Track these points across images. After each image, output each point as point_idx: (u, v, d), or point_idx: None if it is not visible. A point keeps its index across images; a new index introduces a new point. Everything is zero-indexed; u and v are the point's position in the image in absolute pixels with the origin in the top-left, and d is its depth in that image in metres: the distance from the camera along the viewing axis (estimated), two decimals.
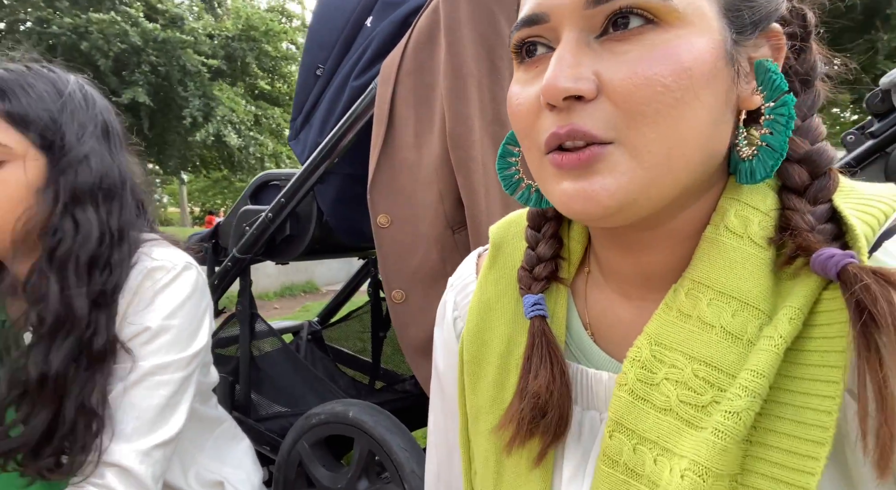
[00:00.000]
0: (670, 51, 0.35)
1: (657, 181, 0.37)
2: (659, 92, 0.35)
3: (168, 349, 0.83)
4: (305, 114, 1.53)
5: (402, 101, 1.30)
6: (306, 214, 1.55)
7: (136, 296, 0.83)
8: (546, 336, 0.46)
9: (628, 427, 0.41)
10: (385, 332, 2.11)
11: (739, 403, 0.36)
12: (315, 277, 8.14)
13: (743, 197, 0.41)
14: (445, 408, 0.59)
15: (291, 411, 1.58)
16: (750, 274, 0.39)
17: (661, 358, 0.40)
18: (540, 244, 0.50)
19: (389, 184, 1.32)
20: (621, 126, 0.36)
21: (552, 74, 0.37)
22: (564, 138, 0.37)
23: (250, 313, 1.63)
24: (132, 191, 0.90)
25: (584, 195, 0.37)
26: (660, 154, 0.36)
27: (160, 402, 0.82)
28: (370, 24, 1.40)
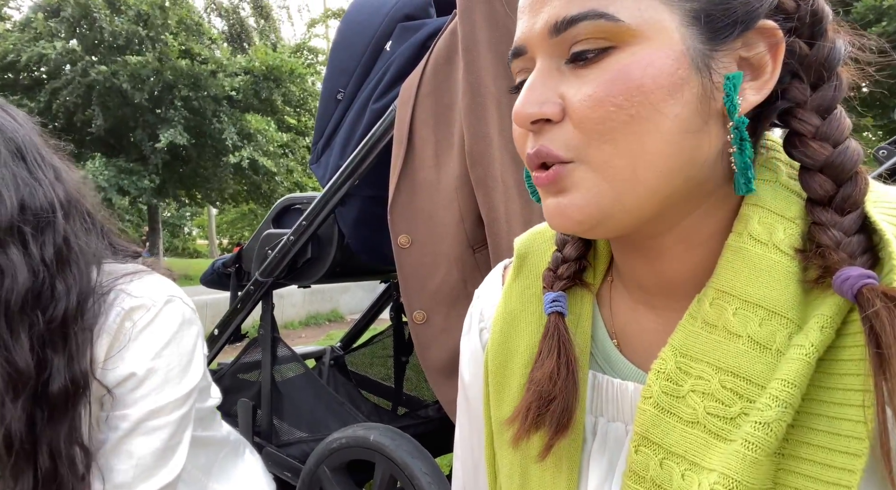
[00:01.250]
0: (622, 71, 0.37)
1: (629, 194, 0.38)
2: (611, 111, 0.37)
3: (159, 392, 0.79)
4: (327, 137, 1.55)
5: (421, 122, 1.31)
6: (328, 237, 1.56)
7: (117, 339, 0.78)
8: (559, 330, 0.46)
9: (654, 441, 0.40)
10: (407, 356, 2.08)
11: (770, 414, 0.34)
12: (340, 306, 8.17)
13: (766, 203, 0.40)
14: (471, 420, 0.59)
15: (313, 436, 1.56)
16: (776, 282, 0.37)
17: (687, 370, 0.39)
18: (567, 245, 0.50)
19: (409, 204, 1.32)
20: (581, 146, 0.38)
21: (520, 101, 0.39)
22: (535, 158, 0.40)
23: (272, 337, 1.63)
24: (71, 206, 0.81)
25: (558, 211, 0.39)
26: (624, 169, 0.37)
27: (159, 445, 0.78)
28: (389, 48, 1.43)
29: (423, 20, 1.44)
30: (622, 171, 0.37)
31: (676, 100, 0.37)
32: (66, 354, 0.74)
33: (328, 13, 12.27)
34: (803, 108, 0.39)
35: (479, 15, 1.16)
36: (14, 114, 0.82)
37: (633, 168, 0.37)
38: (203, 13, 11.65)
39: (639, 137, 0.37)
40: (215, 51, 10.72)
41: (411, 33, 1.40)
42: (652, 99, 0.36)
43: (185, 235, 26.07)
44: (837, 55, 0.39)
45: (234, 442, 1.06)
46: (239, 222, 23.46)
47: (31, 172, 0.78)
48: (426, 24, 1.41)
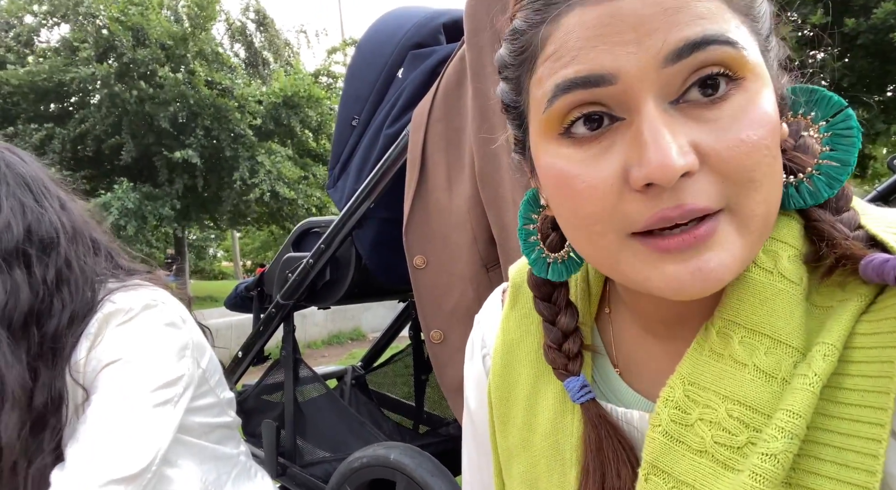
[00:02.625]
0: (761, 110, 0.34)
1: (758, 244, 0.36)
2: (765, 155, 0.34)
3: (127, 381, 0.79)
4: (343, 163, 1.60)
5: (434, 145, 1.34)
6: (346, 259, 1.60)
7: (95, 341, 0.81)
8: (610, 423, 0.44)
9: (664, 469, 0.40)
10: (427, 374, 2.10)
11: (777, 445, 0.34)
12: (361, 325, 8.21)
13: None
14: (478, 445, 0.58)
15: (335, 456, 1.58)
16: (782, 310, 0.38)
17: (695, 398, 0.39)
18: (560, 317, 0.47)
19: (424, 226, 1.35)
20: (731, 195, 0.34)
21: (661, 153, 0.32)
22: (678, 220, 0.34)
23: (294, 359, 1.66)
24: (76, 232, 0.87)
25: (700, 276, 0.35)
26: (763, 217, 0.35)
27: (119, 436, 0.76)
28: (401, 75, 1.47)
29: (433, 47, 1.49)
30: (761, 221, 0.35)
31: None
32: (52, 369, 0.78)
33: (347, 42, 12.55)
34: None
35: (486, 40, 1.20)
36: (20, 154, 0.90)
37: (767, 217, 0.35)
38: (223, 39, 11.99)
39: (774, 182, 0.35)
40: (236, 78, 11.00)
41: (422, 60, 1.45)
42: (778, 142, 0.35)
43: (210, 258, 26.59)
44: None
45: (246, 463, 1.07)
46: (263, 245, 23.95)
47: (38, 201, 0.85)
48: (436, 51, 1.46)
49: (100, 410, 0.78)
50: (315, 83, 11.48)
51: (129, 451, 0.76)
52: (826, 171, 0.38)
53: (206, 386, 0.94)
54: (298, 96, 10.54)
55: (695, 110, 0.34)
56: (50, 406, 0.78)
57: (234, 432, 1.05)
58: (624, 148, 0.35)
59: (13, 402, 0.76)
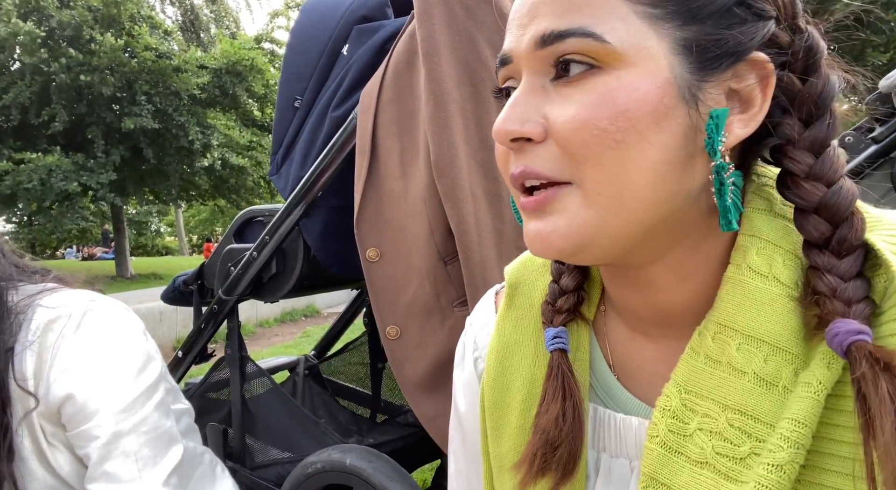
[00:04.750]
0: (607, 95, 0.35)
1: (612, 222, 0.37)
2: (595, 135, 0.35)
3: (118, 395, 0.81)
4: (286, 147, 1.48)
5: (385, 130, 1.25)
6: (293, 251, 1.50)
7: (43, 351, 0.79)
8: (563, 370, 0.45)
9: (663, 482, 0.38)
10: (384, 363, 2.04)
11: (782, 455, 0.34)
12: (315, 301, 8.07)
13: (763, 234, 0.39)
14: (468, 452, 0.57)
15: (287, 458, 1.51)
16: (779, 316, 0.37)
17: (693, 407, 0.38)
18: (563, 276, 0.49)
19: (377, 216, 1.27)
20: (571, 167, 0.37)
21: (501, 117, 0.38)
22: (519, 178, 0.38)
23: (240, 356, 1.57)
24: None
25: (540, 237, 0.38)
26: (610, 196, 0.36)
27: (149, 437, 0.83)
28: (346, 52, 1.36)
29: (381, 22, 1.38)
30: (608, 199, 0.36)
31: (662, 129, 0.35)
32: None
33: (290, 5, 11.95)
34: (795, 147, 0.37)
35: (437, 19, 1.10)
36: None
37: (620, 197, 0.36)
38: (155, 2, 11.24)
39: (624, 164, 0.35)
40: (171, 43, 10.35)
41: (368, 36, 1.34)
42: (638, 126, 0.35)
43: (152, 234, 25.47)
44: (831, 91, 0.37)
45: (210, 460, 1.04)
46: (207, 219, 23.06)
47: None
48: (384, 26, 1.35)
49: (118, 431, 0.80)
50: (258, 49, 10.94)
51: (164, 448, 0.83)
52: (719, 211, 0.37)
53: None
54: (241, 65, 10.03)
55: (560, 87, 0.37)
56: None
57: (195, 425, 1.01)
58: None
59: None
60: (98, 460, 0.79)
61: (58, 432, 0.81)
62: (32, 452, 0.81)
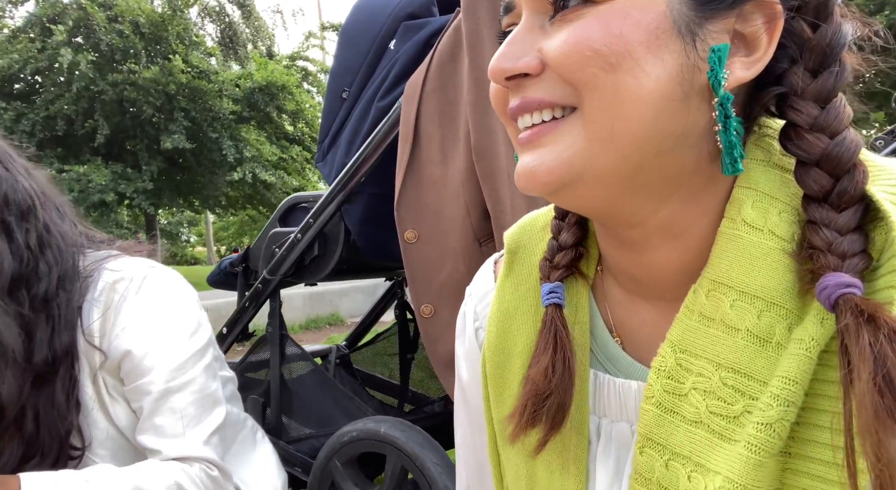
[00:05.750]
0: (600, 19, 0.36)
1: (600, 155, 0.36)
2: (588, 57, 0.35)
3: (172, 354, 0.88)
4: (332, 136, 1.57)
5: (427, 118, 1.33)
6: (334, 234, 1.58)
7: (107, 309, 0.86)
8: (556, 323, 0.44)
9: (659, 442, 0.39)
10: (413, 353, 2.10)
11: (772, 414, 0.33)
12: (340, 309, 8.16)
13: (759, 185, 0.38)
14: (472, 421, 0.57)
15: (322, 431, 1.57)
16: (773, 270, 0.36)
17: (688, 366, 0.38)
18: (562, 232, 0.48)
19: (416, 200, 1.34)
20: (571, 92, 0.36)
21: (497, 56, 0.38)
22: (517, 111, 0.38)
23: (280, 335, 1.64)
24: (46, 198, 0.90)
25: (526, 170, 0.38)
26: (603, 125, 0.36)
27: (196, 396, 0.89)
28: (393, 47, 1.45)
29: (427, 19, 1.47)
30: (600, 128, 0.36)
31: (657, 59, 0.35)
32: (49, 328, 0.83)
33: (325, 26, 12.34)
34: (801, 97, 0.36)
35: (483, 11, 1.19)
36: None
37: (612, 125, 0.36)
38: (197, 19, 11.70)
39: (618, 91, 0.35)
40: (211, 60, 10.79)
41: (415, 32, 1.43)
42: (632, 52, 0.35)
43: (181, 243, 26.11)
44: (842, 39, 0.36)
45: (252, 426, 1.10)
46: (237, 230, 23.65)
47: (8, 169, 0.87)
48: (430, 23, 1.44)
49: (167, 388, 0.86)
50: (292, 66, 11.32)
51: (208, 408, 0.89)
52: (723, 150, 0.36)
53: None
54: (274, 86, 10.43)
55: (557, 24, 0.37)
56: (51, 363, 0.82)
57: (238, 393, 1.07)
58: None
59: (10, 360, 0.79)
60: (148, 414, 0.86)
61: (117, 385, 0.89)
62: (96, 404, 0.88)
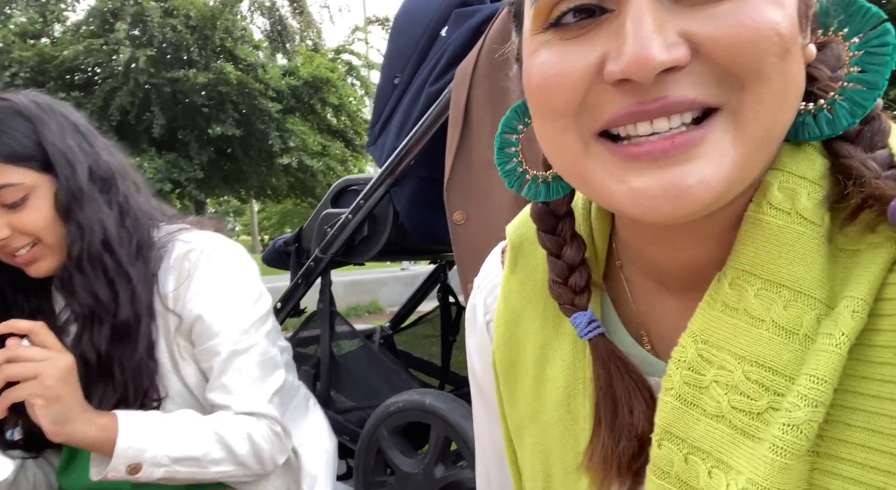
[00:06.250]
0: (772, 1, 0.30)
1: (753, 159, 0.32)
2: (775, 43, 0.30)
3: (239, 317, 0.96)
4: (384, 120, 1.63)
5: (478, 103, 1.37)
6: (383, 216, 1.64)
7: (180, 275, 0.95)
8: (620, 358, 0.41)
9: (678, 435, 0.36)
10: (454, 336, 2.15)
11: (799, 415, 0.31)
12: (379, 298, 8.31)
13: (787, 165, 0.35)
14: (488, 412, 0.56)
15: (369, 403, 1.64)
16: (802, 256, 0.33)
17: (709, 358, 0.36)
18: (565, 249, 0.44)
19: (465, 183, 1.39)
20: (732, 88, 0.31)
21: (639, 44, 0.30)
22: (655, 114, 0.31)
23: (330, 311, 1.72)
24: (125, 172, 0.98)
25: (674, 192, 0.31)
26: (765, 123, 0.31)
27: (259, 359, 0.96)
28: (445, 33, 1.49)
29: (478, 6, 1.51)
30: (762, 126, 0.31)
31: (799, 46, 0.32)
32: (129, 290, 0.91)
33: (370, 19, 12.53)
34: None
35: None
36: (65, 104, 0.99)
37: (773, 123, 0.32)
38: (247, 13, 12.07)
39: (787, 80, 0.31)
40: (259, 54, 11.11)
41: (466, 19, 1.47)
42: (796, 37, 0.31)
43: (227, 232, 26.96)
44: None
45: (305, 394, 1.17)
46: (278, 219, 24.42)
47: (91, 144, 0.95)
48: (480, 10, 1.47)
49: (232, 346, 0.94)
50: (337, 59, 11.56)
51: (270, 370, 0.97)
52: (850, 96, 0.33)
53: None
54: (319, 79, 10.72)
55: (691, 2, 0.31)
56: (134, 321, 0.91)
57: (293, 362, 1.14)
58: (607, 40, 0.32)
59: (104, 316, 0.89)
60: (218, 373, 0.94)
61: (188, 347, 0.97)
62: (169, 364, 0.97)
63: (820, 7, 0.35)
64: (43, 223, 0.89)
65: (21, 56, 9.51)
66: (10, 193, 0.87)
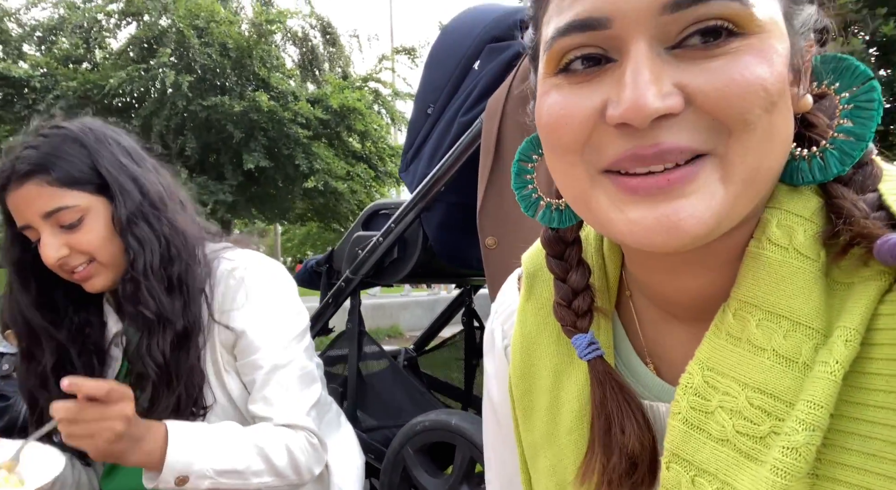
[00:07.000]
0: (762, 53, 0.33)
1: (742, 198, 0.35)
2: (761, 97, 0.33)
3: (279, 333, 1.00)
4: (416, 148, 1.70)
5: (509, 134, 1.42)
6: (413, 239, 1.69)
7: (227, 293, 1.00)
8: (615, 379, 0.44)
9: (685, 458, 0.38)
10: (478, 359, 2.17)
11: (798, 438, 0.33)
12: (400, 322, 8.35)
13: (784, 204, 0.38)
14: (503, 438, 0.57)
15: (395, 424, 1.67)
16: (799, 289, 0.36)
17: (714, 384, 0.38)
18: (570, 274, 0.47)
19: (497, 209, 1.43)
20: (720, 136, 0.34)
21: (636, 93, 0.33)
22: (651, 160, 0.34)
23: (359, 331, 1.76)
24: (172, 193, 1.04)
25: (667, 224, 0.34)
26: (751, 167, 0.34)
27: (298, 374, 1.01)
28: (477, 67, 1.56)
29: (510, 41, 1.57)
30: (748, 170, 0.34)
31: (788, 99, 0.35)
32: (182, 303, 0.97)
33: (397, 49, 12.87)
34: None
35: None
36: (116, 129, 1.07)
37: (758, 168, 0.34)
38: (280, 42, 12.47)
39: (772, 131, 0.34)
40: (290, 82, 11.46)
41: (498, 53, 1.53)
42: (785, 91, 0.34)
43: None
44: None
45: (336, 410, 1.20)
46: (300, 241, 24.86)
47: (141, 166, 1.01)
48: (512, 46, 1.54)
49: (273, 361, 0.99)
50: (364, 87, 11.86)
51: (308, 384, 1.02)
52: (840, 146, 0.37)
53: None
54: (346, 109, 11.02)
55: (690, 53, 0.34)
56: (188, 330, 0.97)
57: (324, 378, 1.17)
58: (609, 87, 0.35)
59: (167, 323, 0.95)
60: (260, 386, 0.99)
61: (231, 360, 1.02)
62: (213, 375, 1.02)
63: (815, 62, 0.38)
64: (98, 242, 0.94)
65: (67, 86, 9.92)
66: (67, 215, 0.92)
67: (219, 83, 10.60)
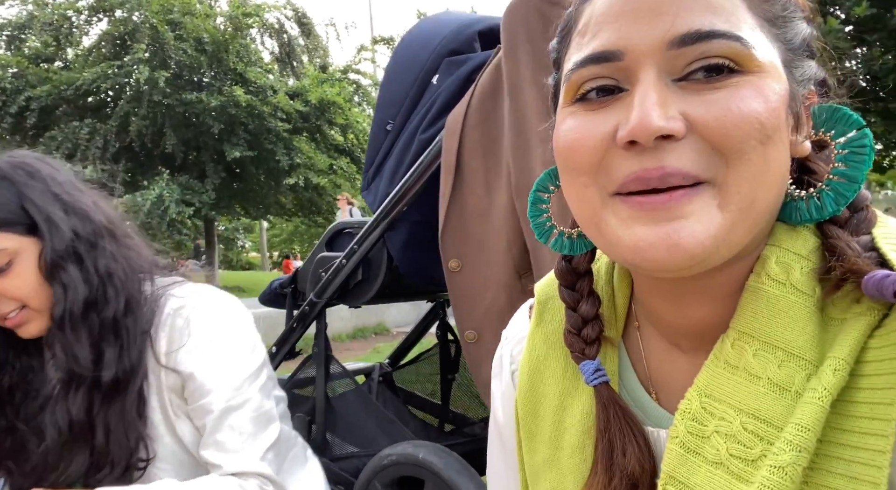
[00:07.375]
0: (759, 90, 0.36)
1: (739, 226, 0.37)
2: (756, 129, 0.35)
3: (231, 373, 0.94)
4: (377, 166, 1.63)
5: (470, 151, 1.37)
6: (377, 260, 1.63)
7: (172, 332, 0.94)
8: (619, 404, 0.46)
9: (681, 480, 0.40)
10: (454, 374, 2.13)
11: (784, 458, 0.35)
12: (386, 320, 8.30)
13: (783, 243, 0.41)
14: (507, 461, 0.59)
15: (364, 452, 1.62)
16: (795, 323, 0.38)
17: (711, 410, 0.40)
18: (581, 303, 0.49)
19: (460, 230, 1.38)
20: (718, 164, 0.36)
21: (643, 112, 0.36)
22: (655, 182, 0.36)
23: (326, 355, 1.71)
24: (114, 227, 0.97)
25: (667, 242, 0.36)
26: (747, 196, 0.36)
27: (252, 415, 0.95)
28: (436, 81, 1.50)
29: (469, 54, 1.51)
30: (744, 199, 0.36)
31: (784, 133, 0.38)
32: (117, 349, 0.90)
33: (376, 39, 12.69)
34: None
35: (522, 54, 1.22)
36: (50, 162, 1.00)
37: (754, 198, 0.37)
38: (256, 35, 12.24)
39: (767, 163, 0.36)
40: (269, 76, 11.26)
41: (457, 67, 1.47)
42: (781, 126, 0.37)
43: (238, 249, 27.23)
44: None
45: (302, 444, 1.16)
46: (287, 237, 24.66)
47: (77, 203, 0.94)
48: (471, 59, 1.48)
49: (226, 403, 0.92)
50: (345, 79, 11.68)
51: (264, 426, 0.95)
52: (835, 187, 0.39)
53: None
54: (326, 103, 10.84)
55: (694, 86, 0.37)
56: (120, 381, 0.90)
57: (288, 412, 1.13)
58: (620, 112, 0.38)
59: (81, 380, 0.88)
60: (210, 431, 0.93)
61: (182, 404, 0.96)
62: (162, 421, 0.96)
63: (813, 111, 0.41)
64: (28, 288, 0.89)
65: (38, 92, 9.66)
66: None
67: (196, 79, 10.39)
